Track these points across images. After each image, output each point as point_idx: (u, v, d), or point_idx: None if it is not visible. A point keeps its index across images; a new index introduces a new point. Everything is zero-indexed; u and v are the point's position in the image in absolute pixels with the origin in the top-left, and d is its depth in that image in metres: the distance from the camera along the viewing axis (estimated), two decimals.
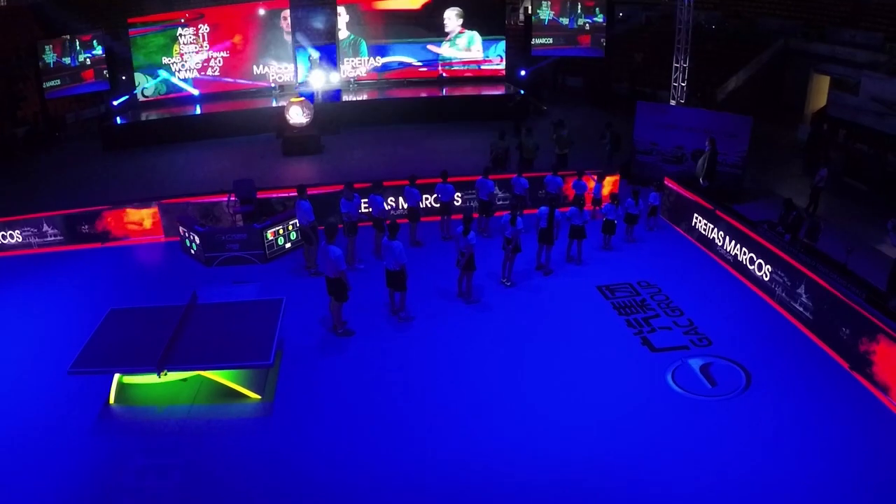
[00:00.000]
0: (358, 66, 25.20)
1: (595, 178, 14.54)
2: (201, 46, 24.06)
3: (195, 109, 23.47)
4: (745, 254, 11.90)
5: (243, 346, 9.03)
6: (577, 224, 12.02)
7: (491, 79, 25.79)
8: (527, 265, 12.19)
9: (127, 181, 17.88)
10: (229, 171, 18.20)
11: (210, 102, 23.94)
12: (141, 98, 23.61)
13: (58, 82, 23.04)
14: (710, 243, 13.00)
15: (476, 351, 9.95)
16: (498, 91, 24.84)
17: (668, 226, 14.38)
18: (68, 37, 22.87)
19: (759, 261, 11.50)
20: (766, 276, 11.32)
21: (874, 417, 8.60)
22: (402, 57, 25.38)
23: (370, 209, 12.54)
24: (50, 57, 22.69)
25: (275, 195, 13.98)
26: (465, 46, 25.55)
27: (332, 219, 10.16)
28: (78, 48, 23.23)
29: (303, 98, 19.89)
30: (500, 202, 14.25)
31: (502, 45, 25.56)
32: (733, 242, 12.26)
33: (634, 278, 11.89)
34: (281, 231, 13.01)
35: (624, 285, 11.68)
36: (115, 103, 23.33)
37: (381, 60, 25.26)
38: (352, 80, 24.82)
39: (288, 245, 13.15)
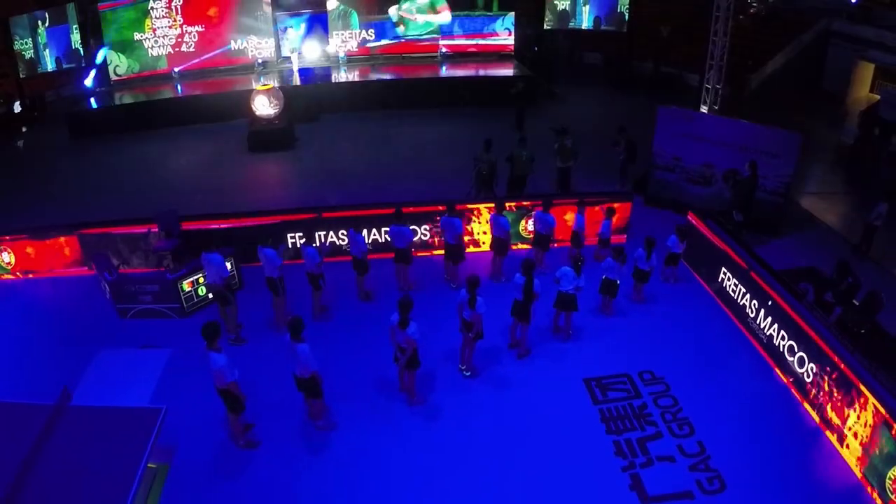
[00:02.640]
0: (348, 39, 21.98)
1: (603, 209, 11.42)
2: (174, 20, 21.28)
3: (170, 90, 20.74)
4: (783, 338, 8.90)
5: (96, 494, 6.71)
6: (568, 291, 9.06)
7: (498, 55, 22.31)
8: (498, 338, 9.40)
9: (88, 181, 15.38)
10: (196, 169, 15.67)
11: (187, 81, 21.24)
12: (114, 77, 21.00)
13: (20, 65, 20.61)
14: (739, 311, 9.93)
15: (409, 480, 7.32)
16: (506, 70, 21.39)
17: (689, 275, 11.20)
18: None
19: (801, 353, 8.49)
20: (808, 376, 8.33)
21: None
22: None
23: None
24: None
25: (209, 226, 11.30)
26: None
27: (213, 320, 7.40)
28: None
29: (271, 86, 16.75)
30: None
31: (511, 17, 21.93)
32: (769, 319, 9.23)
33: (636, 366, 8.94)
34: (201, 280, 10.43)
35: (620, 379, 8.74)
36: (86, 82, 20.77)
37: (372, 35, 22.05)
38: (340, 57, 21.63)
39: (212, 295, 10.61)
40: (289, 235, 11.05)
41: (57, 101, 21.16)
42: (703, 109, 13.52)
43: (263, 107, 16.31)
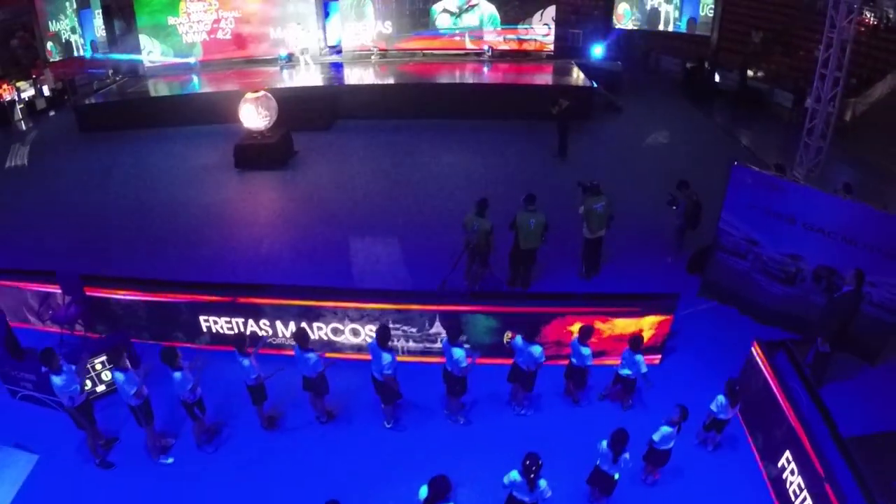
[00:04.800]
0: (361, 32, 18.76)
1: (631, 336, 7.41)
2: (210, 4, 18.94)
3: (194, 81, 18.59)
4: None
5: None
6: None
7: (536, 57, 18.33)
8: None
9: (53, 188, 13.30)
10: (171, 185, 13.03)
11: (211, 72, 18.94)
12: (147, 63, 19.08)
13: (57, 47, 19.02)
14: None
15: None
16: (544, 74, 17.33)
17: (738, 435, 7.25)
18: None
19: None
20: None
21: None
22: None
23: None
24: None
25: (113, 296, 8.63)
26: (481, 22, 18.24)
27: None
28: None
29: (261, 93, 13.56)
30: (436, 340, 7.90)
31: (550, 10, 17.65)
32: None
33: None
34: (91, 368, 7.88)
35: None
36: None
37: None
38: (373, 49, 18.47)
39: (100, 388, 8.00)
40: (202, 319, 8.24)
41: (86, 86, 19.57)
42: (797, 176, 9.12)
43: (251, 118, 13.25)
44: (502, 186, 12.12)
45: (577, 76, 16.57)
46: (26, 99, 18.24)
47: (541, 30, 17.90)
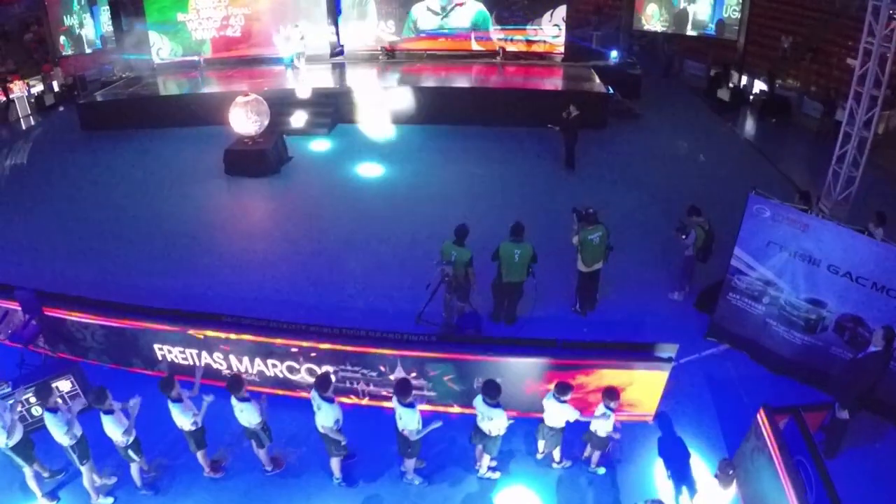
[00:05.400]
0: (364, 32, 17.97)
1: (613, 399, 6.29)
2: (220, 0, 18.41)
3: (199, 79, 18.12)
4: None
5: None
6: None
7: (552, 60, 17.21)
8: None
9: (57, 193, 12.77)
10: (157, 189, 12.40)
11: (216, 70, 18.44)
12: (157, 61, 18.67)
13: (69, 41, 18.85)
14: None
15: None
16: (556, 78, 16.24)
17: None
18: None
19: None
20: None
21: None
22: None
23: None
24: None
25: (69, 317, 8.06)
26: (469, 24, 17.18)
27: None
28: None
29: (251, 97, 12.76)
30: None
31: (561, 10, 16.42)
32: None
33: None
34: (32, 399, 7.33)
35: None
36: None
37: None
38: (381, 49, 17.66)
39: None
40: (156, 347, 7.62)
41: (95, 82, 19.29)
42: (825, 207, 7.95)
43: (241, 122, 12.55)
44: (502, 200, 11.22)
45: (593, 81, 15.44)
46: (35, 94, 18.04)
47: (550, 31, 16.74)
